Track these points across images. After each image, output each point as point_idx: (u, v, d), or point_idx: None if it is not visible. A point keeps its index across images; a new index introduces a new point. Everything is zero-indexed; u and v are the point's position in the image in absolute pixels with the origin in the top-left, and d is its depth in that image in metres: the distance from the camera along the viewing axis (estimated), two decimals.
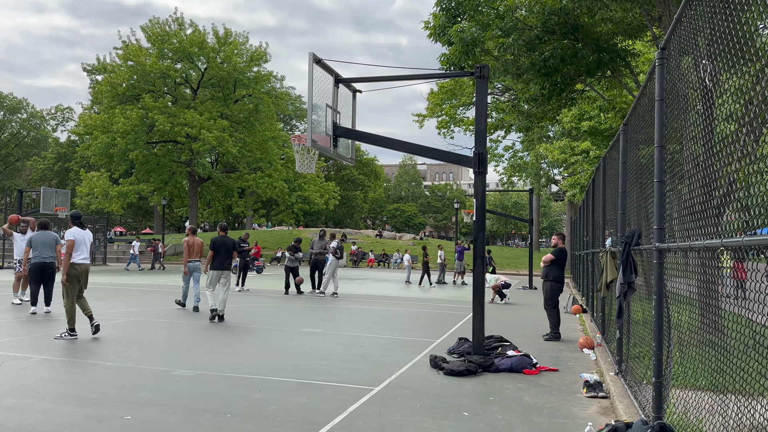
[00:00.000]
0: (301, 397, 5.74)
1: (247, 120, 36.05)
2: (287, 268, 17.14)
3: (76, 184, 42.01)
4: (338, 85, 8.22)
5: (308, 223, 62.88)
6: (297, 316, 12.17)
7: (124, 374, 6.55)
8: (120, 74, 34.37)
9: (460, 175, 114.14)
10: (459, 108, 32.15)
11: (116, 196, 34.43)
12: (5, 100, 62.97)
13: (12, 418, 4.85)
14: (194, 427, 4.74)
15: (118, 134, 32.70)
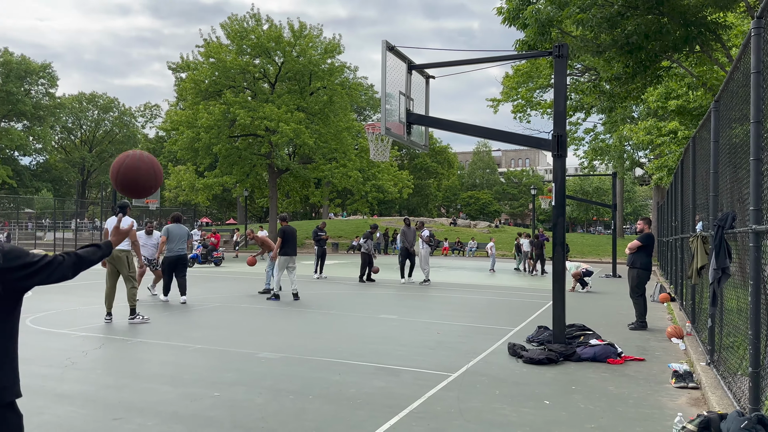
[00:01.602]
0: (380, 381, 5.83)
1: (322, 111, 36.68)
2: (363, 255, 17.35)
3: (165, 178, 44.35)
4: (411, 72, 8.20)
5: (382, 212, 63.41)
6: (373, 302, 12.33)
7: (212, 356, 6.88)
8: (202, 71, 35.81)
9: (536, 160, 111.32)
10: (535, 91, 31.27)
11: (202, 189, 36.01)
12: (99, 99, 67.22)
13: (112, 396, 5.22)
14: (278, 408, 4.93)
15: (202, 129, 34.13)
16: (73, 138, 69.12)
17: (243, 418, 4.64)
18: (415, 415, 4.78)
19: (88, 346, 7.27)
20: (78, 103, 66.06)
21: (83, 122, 68.25)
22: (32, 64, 54.09)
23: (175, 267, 11.50)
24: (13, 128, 55.89)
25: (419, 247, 16.99)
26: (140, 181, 2.56)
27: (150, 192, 2.64)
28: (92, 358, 6.63)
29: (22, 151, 57.10)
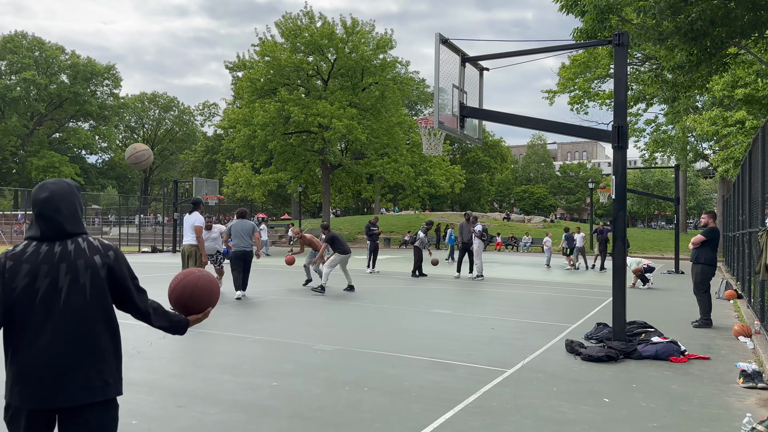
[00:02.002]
0: (434, 375, 5.83)
1: (374, 107, 36.82)
2: (416, 249, 17.33)
3: (223, 174, 45.59)
4: (465, 64, 8.12)
5: (434, 207, 63.14)
6: (426, 297, 12.32)
7: (270, 347, 7.05)
8: (258, 70, 36.56)
9: (594, 153, 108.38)
10: (593, 82, 30.41)
11: (258, 185, 36.83)
12: (160, 99, 69.62)
13: (176, 384, 5.43)
14: (335, 398, 5.00)
15: (258, 127, 34.87)
16: (136, 136, 71.89)
17: (300, 408, 4.74)
18: (471, 410, 4.76)
19: (152, 336, 7.57)
20: (140, 103, 68.65)
21: (145, 121, 70.87)
22: (97, 66, 56.52)
23: (240, 262, 11.50)
24: (81, 128, 58.65)
25: (473, 242, 16.85)
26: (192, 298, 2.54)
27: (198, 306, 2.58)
28: (157, 348, 6.90)
29: (88, 150, 59.84)
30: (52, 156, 51.93)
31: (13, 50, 52.13)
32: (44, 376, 2.18)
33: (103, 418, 2.28)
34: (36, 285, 2.21)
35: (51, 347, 2.19)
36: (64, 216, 2.30)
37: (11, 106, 51.79)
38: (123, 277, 2.35)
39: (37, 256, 2.24)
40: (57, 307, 2.21)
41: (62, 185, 2.36)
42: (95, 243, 2.34)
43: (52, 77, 53.83)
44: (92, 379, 2.24)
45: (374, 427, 4.32)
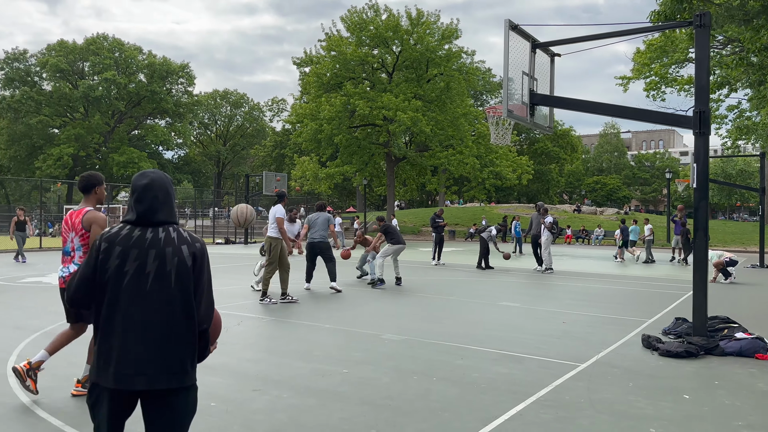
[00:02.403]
0: (503, 367, 5.76)
1: (439, 98, 36.57)
2: (483, 241, 17.12)
3: (291, 168, 46.64)
4: (535, 51, 7.92)
5: (500, 199, 62.15)
6: (493, 290, 12.17)
7: (339, 336, 7.17)
8: (324, 65, 37.06)
9: (671, 141, 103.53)
10: (671, 67, 28.99)
11: (324, 178, 37.44)
12: (231, 96, 71.81)
13: (251, 369, 5.61)
14: (404, 387, 5.04)
15: (324, 121, 35.38)
16: (209, 132, 74.55)
17: (370, 395, 4.80)
18: (543, 403, 4.68)
19: (228, 322, 7.86)
20: (212, 100, 71.05)
21: (217, 118, 73.33)
22: (173, 64, 58.90)
23: (314, 254, 11.45)
24: (158, 125, 61.36)
25: (542, 234, 16.48)
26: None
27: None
28: (232, 334, 7.16)
29: (165, 146, 62.51)
30: (132, 152, 54.63)
31: (96, 52, 55.11)
32: (127, 359, 2.24)
33: (184, 402, 2.33)
34: (125, 267, 2.29)
35: (135, 331, 2.25)
36: (160, 203, 2.40)
37: (94, 105, 54.82)
38: (200, 272, 2.39)
39: (129, 239, 2.33)
40: (143, 292, 2.28)
41: (161, 175, 2.47)
42: (184, 234, 2.41)
43: (131, 77, 56.56)
44: (172, 365, 2.28)
45: (443, 417, 4.32)
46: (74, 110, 56.69)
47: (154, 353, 2.25)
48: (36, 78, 55.25)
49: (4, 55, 54.35)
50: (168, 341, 2.27)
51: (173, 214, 2.44)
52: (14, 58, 54.60)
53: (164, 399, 2.28)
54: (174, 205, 2.45)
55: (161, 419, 2.31)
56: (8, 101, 52.60)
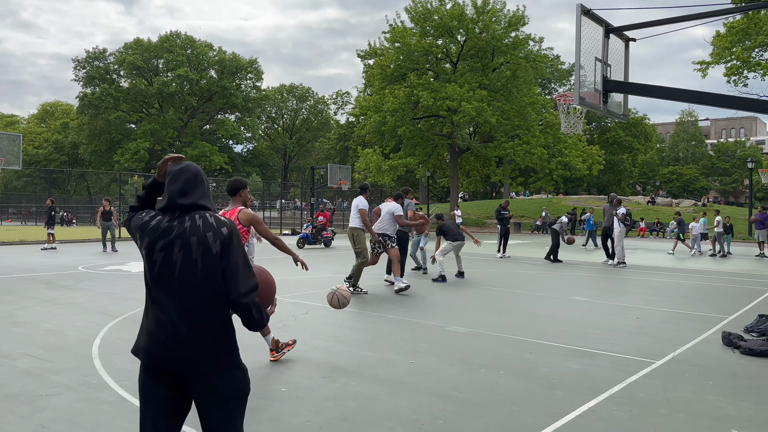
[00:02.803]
0: (574, 362, 5.62)
1: (505, 87, 35.88)
2: (554, 232, 16.66)
3: (354, 160, 47.04)
4: (608, 36, 7.62)
5: (568, 190, 60.44)
6: (562, 283, 11.88)
7: (404, 327, 7.20)
8: (388, 56, 37.09)
9: (753, 130, 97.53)
10: (754, 50, 27.26)
11: (387, 170, 37.57)
12: (297, 90, 73.15)
13: (319, 356, 5.73)
14: (470, 379, 5.00)
15: (388, 113, 35.45)
16: (276, 126, 76.27)
17: (437, 386, 4.80)
18: (616, 400, 4.53)
19: (296, 311, 8.05)
20: (279, 95, 72.59)
21: (284, 112, 74.87)
22: (242, 60, 60.52)
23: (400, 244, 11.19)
24: (228, 119, 63.28)
25: (613, 226, 15.91)
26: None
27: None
28: (300, 323, 7.32)
29: (235, 140, 64.42)
30: (204, 146, 56.62)
31: (169, 49, 57.36)
32: (161, 344, 2.30)
33: (228, 386, 2.33)
34: (153, 258, 2.33)
35: (167, 318, 2.30)
36: (191, 186, 2.41)
37: (168, 100, 57.14)
38: (229, 256, 2.34)
39: (156, 230, 2.36)
40: (171, 281, 2.31)
41: (192, 164, 2.49)
42: (210, 220, 2.37)
43: (202, 73, 58.54)
44: (209, 350, 2.30)
45: (511, 411, 4.26)
46: (150, 106, 59.28)
47: (181, 339, 2.28)
48: (114, 76, 58.09)
49: (86, 55, 57.45)
50: (197, 328, 2.29)
51: (204, 198, 2.44)
52: (94, 57, 57.60)
53: (205, 383, 2.31)
54: (206, 193, 2.45)
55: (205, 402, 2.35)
56: (89, 98, 55.61)
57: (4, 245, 21.44)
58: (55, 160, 62.75)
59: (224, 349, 2.34)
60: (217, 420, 2.36)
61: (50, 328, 6.90)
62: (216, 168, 58.00)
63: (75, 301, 8.85)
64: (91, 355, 5.65)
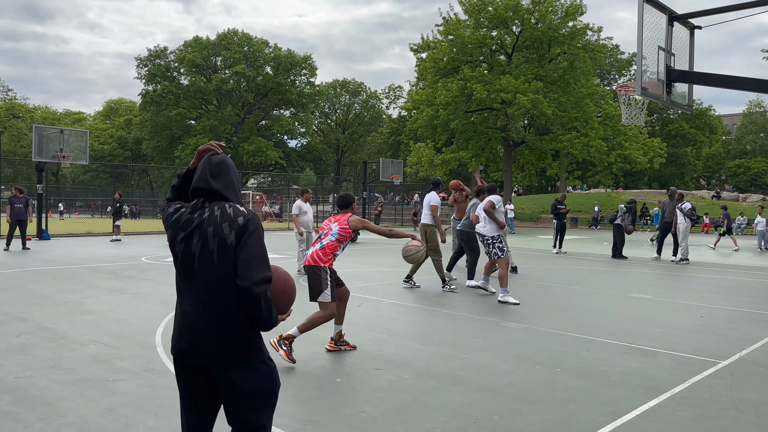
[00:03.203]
0: (634, 361, 5.46)
1: (562, 79, 34.99)
2: (618, 227, 16.10)
3: (406, 155, 47.02)
4: (672, 24, 7.33)
5: (628, 184, 58.54)
6: (622, 280, 11.54)
7: (458, 321, 7.16)
8: (441, 49, 36.79)
9: None
10: None
11: (440, 164, 37.31)
12: (349, 85, 73.64)
13: (372, 348, 5.77)
14: (526, 375, 4.93)
15: (441, 106, 35.20)
16: (329, 121, 77.09)
17: (491, 381, 4.75)
18: (678, 400, 4.38)
19: (350, 303, 8.10)
20: (333, 90, 73.27)
21: (337, 107, 75.57)
22: (296, 56, 61.38)
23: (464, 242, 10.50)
24: (283, 115, 64.37)
25: (678, 222, 15.30)
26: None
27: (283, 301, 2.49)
28: (354, 314, 7.39)
29: (289, 135, 65.49)
30: (260, 141, 57.81)
31: (227, 47, 58.79)
32: (184, 336, 2.30)
33: (250, 381, 2.30)
34: (176, 249, 2.34)
35: (189, 309, 2.29)
36: (216, 172, 2.39)
37: (226, 97, 58.63)
38: (244, 245, 2.27)
39: (178, 222, 2.36)
40: (191, 273, 2.30)
41: (221, 155, 2.47)
42: (228, 210, 2.32)
43: (258, 69, 59.72)
44: (228, 344, 2.26)
45: (569, 408, 4.18)
46: (208, 103, 60.96)
47: (203, 332, 2.27)
48: (175, 73, 60.03)
49: (148, 53, 59.57)
50: (217, 321, 2.26)
51: (228, 189, 2.39)
52: (156, 55, 59.67)
53: (229, 378, 2.29)
54: (231, 183, 2.41)
55: (230, 396, 2.32)
56: (151, 95, 57.67)
57: (73, 237, 22.55)
58: (119, 156, 65.41)
59: (245, 343, 2.29)
60: (240, 415, 2.33)
61: (116, 316, 7.21)
62: (271, 163, 59.17)
63: (139, 290, 9.23)
64: (154, 343, 5.88)
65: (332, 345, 5.63)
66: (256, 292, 2.20)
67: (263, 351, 2.36)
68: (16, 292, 8.80)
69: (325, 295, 5.27)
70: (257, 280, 2.21)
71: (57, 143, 20.96)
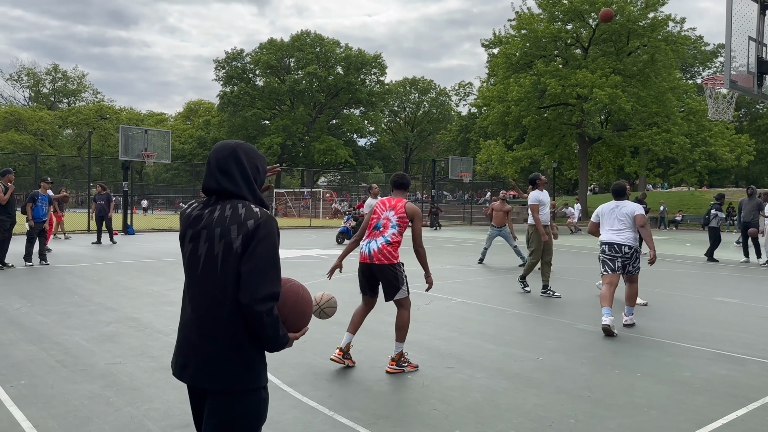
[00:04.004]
0: (720, 368, 5.17)
1: (642, 72, 33.57)
2: (713, 229, 15.16)
3: (476, 152, 46.48)
4: (764, 13, 6.86)
5: (713, 182, 55.42)
6: (706, 283, 10.95)
7: (530, 322, 7.02)
8: (514, 44, 36.16)
9: None
10: None
11: (511, 162, 36.67)
12: (419, 83, 73.60)
13: (442, 347, 5.75)
14: (604, 380, 4.77)
15: (512, 102, 34.58)
16: (398, 119, 77.38)
17: (567, 384, 4.63)
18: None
19: (419, 301, 8.13)
20: (402, 88, 73.49)
21: (406, 105, 75.74)
22: (367, 56, 62.00)
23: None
24: (353, 114, 65.22)
25: (763, 223, 14.35)
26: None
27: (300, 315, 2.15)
28: (424, 312, 7.40)
29: (359, 134, 66.29)
30: (330, 140, 58.83)
31: (300, 48, 60.16)
32: (180, 349, 2.07)
33: (238, 408, 1.99)
34: (184, 249, 2.10)
35: (188, 320, 2.06)
36: (222, 169, 2.10)
37: (298, 97, 60.03)
38: (252, 252, 1.97)
39: (188, 219, 2.11)
40: (195, 278, 2.04)
41: (228, 144, 2.15)
42: (240, 210, 2.03)
43: (329, 69, 60.77)
44: (216, 364, 1.98)
45: (650, 414, 4.01)
46: (282, 103, 62.58)
47: (197, 347, 2.01)
48: (250, 75, 62.01)
49: (225, 56, 61.83)
50: (212, 336, 1.99)
51: (242, 186, 2.09)
52: (233, 57, 61.86)
53: (215, 400, 2.01)
54: (244, 178, 2.10)
55: (208, 422, 2.03)
56: (228, 96, 59.86)
57: (156, 232, 23.75)
58: (199, 155, 68.20)
59: (242, 365, 1.99)
60: None
61: None
62: (341, 161, 60.05)
63: None
64: None
65: (393, 366, 4.88)
66: (259, 310, 1.91)
67: (261, 377, 2.04)
68: (105, 284, 9.37)
69: (402, 291, 4.91)
70: (261, 297, 1.92)
71: (141, 143, 22.12)
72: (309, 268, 11.82)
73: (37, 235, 11.64)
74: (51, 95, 79.30)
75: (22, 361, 5.00)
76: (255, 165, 2.15)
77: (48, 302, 7.66)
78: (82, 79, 79.85)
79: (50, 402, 4.06)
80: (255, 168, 2.15)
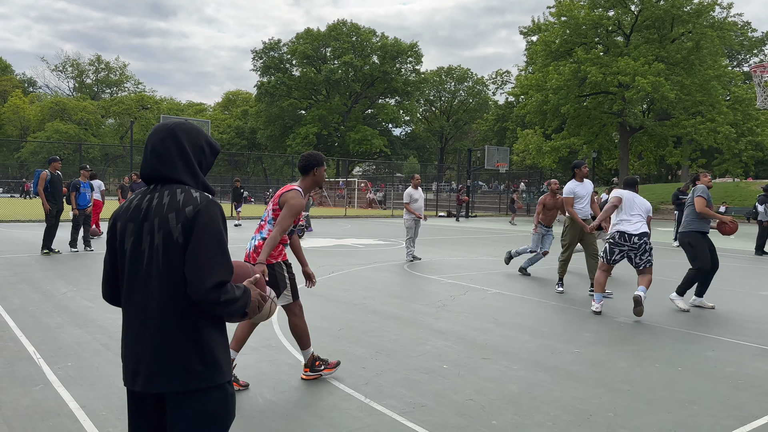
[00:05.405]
0: (765, 364, 5.02)
1: (686, 60, 32.54)
2: (761, 223, 14.63)
3: (512, 142, 45.86)
4: None
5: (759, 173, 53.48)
6: (751, 278, 10.61)
7: (567, 314, 6.92)
8: (553, 32, 35.46)
9: None
10: None
11: (549, 151, 36.08)
12: (455, 72, 72.93)
13: (478, 337, 5.72)
14: (644, 373, 4.68)
15: (551, 91, 33.97)
16: (433, 109, 76.91)
17: (605, 377, 4.56)
18: None
19: (455, 291, 8.11)
20: (438, 77, 72.94)
21: (442, 94, 75.18)
22: (402, 44, 61.64)
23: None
24: (388, 103, 65.04)
25: None
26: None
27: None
28: (459, 303, 7.37)
29: (394, 123, 66.10)
30: (366, 130, 58.86)
31: (336, 37, 60.21)
32: (127, 355, 1.89)
33: (201, 408, 1.85)
34: (125, 246, 1.91)
35: (132, 323, 1.88)
36: (157, 155, 1.93)
37: (334, 87, 60.16)
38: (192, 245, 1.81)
39: (128, 211, 1.92)
40: (139, 274, 1.87)
41: (165, 125, 1.97)
42: (179, 197, 1.87)
43: (365, 59, 60.66)
44: (169, 364, 1.83)
45: (691, 410, 3.92)
46: (318, 93, 62.86)
47: (146, 349, 1.85)
48: (287, 65, 62.43)
49: (263, 46, 62.37)
50: (162, 336, 1.84)
51: (181, 170, 1.93)
52: (270, 47, 62.31)
53: (174, 403, 1.86)
54: (183, 162, 1.93)
55: (172, 429, 1.87)
56: (266, 86, 60.41)
57: None
58: (237, 144, 69.17)
59: (201, 362, 1.85)
60: None
61: None
62: (376, 151, 60.07)
63: None
64: (270, 321, 6.20)
65: (307, 373, 4.39)
66: (211, 301, 1.78)
67: (225, 372, 1.90)
68: None
69: (285, 297, 4.25)
70: (210, 287, 1.78)
71: None
72: (344, 257, 11.90)
73: (81, 222, 12.02)
74: (94, 85, 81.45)
75: (69, 344, 5.18)
76: (200, 146, 1.98)
77: (93, 287, 7.91)
78: (123, 70, 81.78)
79: (95, 384, 4.20)
80: (199, 149, 1.98)
